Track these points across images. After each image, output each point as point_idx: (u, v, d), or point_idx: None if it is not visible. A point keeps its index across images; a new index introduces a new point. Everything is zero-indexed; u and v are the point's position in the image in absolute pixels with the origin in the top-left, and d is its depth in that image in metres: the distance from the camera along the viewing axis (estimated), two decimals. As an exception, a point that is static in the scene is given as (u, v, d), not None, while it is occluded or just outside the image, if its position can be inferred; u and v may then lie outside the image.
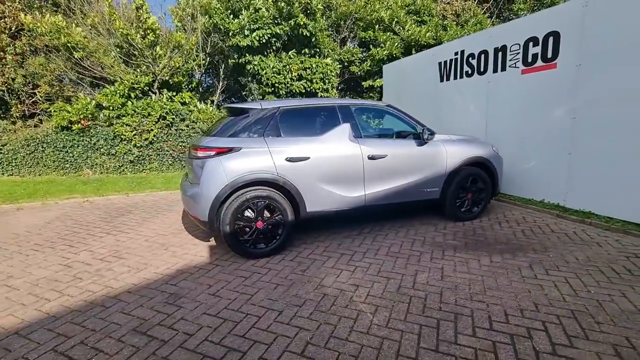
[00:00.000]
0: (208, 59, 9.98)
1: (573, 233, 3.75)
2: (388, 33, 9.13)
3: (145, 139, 8.20)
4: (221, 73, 9.77)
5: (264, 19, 7.89)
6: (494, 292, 2.59)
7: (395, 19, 8.99)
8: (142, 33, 8.25)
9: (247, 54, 8.37)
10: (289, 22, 7.87)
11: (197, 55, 9.80)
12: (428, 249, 3.45)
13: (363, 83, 9.62)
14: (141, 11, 8.30)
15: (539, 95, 4.56)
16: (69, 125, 7.87)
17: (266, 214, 3.28)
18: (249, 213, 3.22)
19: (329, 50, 8.83)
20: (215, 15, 8.25)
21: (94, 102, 7.97)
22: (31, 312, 2.48)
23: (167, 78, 8.72)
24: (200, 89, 10.76)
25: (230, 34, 8.16)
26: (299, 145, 3.35)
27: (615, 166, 3.83)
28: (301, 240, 3.74)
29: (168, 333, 2.20)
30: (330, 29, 9.70)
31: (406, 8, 9.48)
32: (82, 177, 7.97)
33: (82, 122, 7.89)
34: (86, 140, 8.07)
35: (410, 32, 8.70)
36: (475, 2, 11.24)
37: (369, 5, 9.17)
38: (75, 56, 8.22)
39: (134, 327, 2.26)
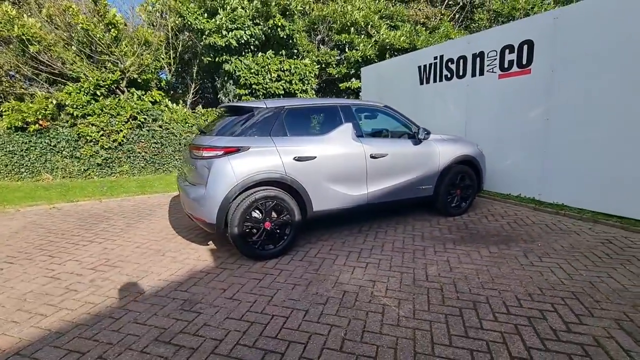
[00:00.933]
0: (179, 57, 9.57)
1: (552, 224, 4.11)
2: (362, 36, 9.37)
3: (114, 140, 7.66)
4: (194, 73, 9.41)
5: (242, 18, 7.74)
6: (501, 280, 2.77)
7: (370, 23, 9.26)
8: (103, 27, 7.71)
9: (224, 54, 8.15)
10: (267, 22, 7.79)
11: (166, 53, 9.36)
12: (429, 243, 3.61)
13: (340, 85, 9.77)
14: (99, 4, 7.75)
15: (515, 98, 4.95)
16: (25, 126, 7.14)
17: (273, 214, 3.23)
18: (256, 214, 3.15)
19: (307, 51, 8.85)
20: (189, 16, 7.94)
21: (54, 101, 7.29)
22: (28, 330, 2.24)
23: (135, 76, 8.22)
24: (171, 90, 10.28)
25: (206, 33, 7.89)
26: (306, 145, 3.35)
27: (585, 163, 4.27)
28: (305, 240, 3.73)
29: (195, 340, 2.10)
30: (306, 31, 9.74)
31: (379, 13, 9.78)
32: (41, 182, 7.26)
33: (41, 122, 7.20)
34: (45, 142, 7.37)
35: (384, 35, 9.00)
36: (442, 7, 11.88)
37: (342, 9, 9.34)
38: (31, 50, 7.48)
39: (156, 337, 2.13)
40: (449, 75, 6.01)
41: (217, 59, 8.15)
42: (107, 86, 7.77)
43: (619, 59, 3.85)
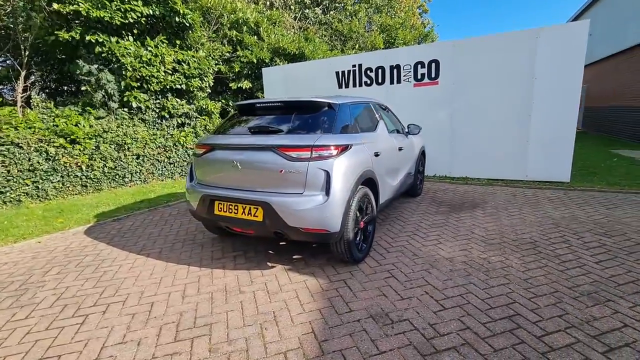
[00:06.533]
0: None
1: (473, 190, 5.86)
2: (254, 37, 9.14)
3: None
4: (24, 53, 6.35)
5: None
6: (520, 227, 3.93)
7: (262, 26, 9.14)
8: None
9: (96, 32, 6.03)
10: (163, 5, 6.43)
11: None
12: (443, 217, 4.44)
13: (231, 84, 9.13)
14: None
15: (428, 103, 6.55)
16: None
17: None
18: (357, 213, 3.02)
19: (201, 44, 7.81)
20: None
21: None
22: None
23: None
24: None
25: (67, -1, 5.59)
26: (373, 140, 3.42)
27: (477, 146, 6.30)
28: (362, 236, 3.76)
29: (449, 339, 2.05)
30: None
31: (263, 14, 9.76)
32: None
33: None
34: None
35: (276, 39, 9.16)
36: (298, 21, 13.07)
37: (231, 6, 8.78)
38: None
39: (418, 353, 1.92)
40: (368, 82, 7.07)
41: (85, 37, 5.92)
42: None
43: (483, 80, 5.97)
